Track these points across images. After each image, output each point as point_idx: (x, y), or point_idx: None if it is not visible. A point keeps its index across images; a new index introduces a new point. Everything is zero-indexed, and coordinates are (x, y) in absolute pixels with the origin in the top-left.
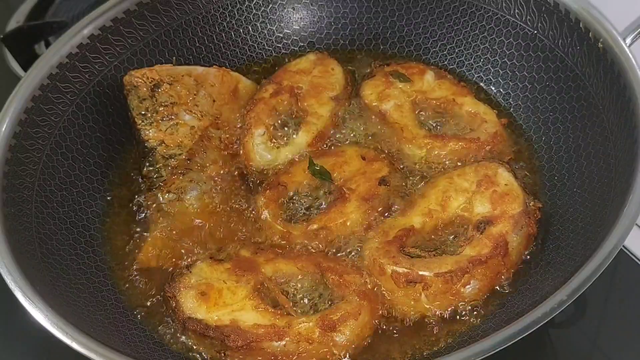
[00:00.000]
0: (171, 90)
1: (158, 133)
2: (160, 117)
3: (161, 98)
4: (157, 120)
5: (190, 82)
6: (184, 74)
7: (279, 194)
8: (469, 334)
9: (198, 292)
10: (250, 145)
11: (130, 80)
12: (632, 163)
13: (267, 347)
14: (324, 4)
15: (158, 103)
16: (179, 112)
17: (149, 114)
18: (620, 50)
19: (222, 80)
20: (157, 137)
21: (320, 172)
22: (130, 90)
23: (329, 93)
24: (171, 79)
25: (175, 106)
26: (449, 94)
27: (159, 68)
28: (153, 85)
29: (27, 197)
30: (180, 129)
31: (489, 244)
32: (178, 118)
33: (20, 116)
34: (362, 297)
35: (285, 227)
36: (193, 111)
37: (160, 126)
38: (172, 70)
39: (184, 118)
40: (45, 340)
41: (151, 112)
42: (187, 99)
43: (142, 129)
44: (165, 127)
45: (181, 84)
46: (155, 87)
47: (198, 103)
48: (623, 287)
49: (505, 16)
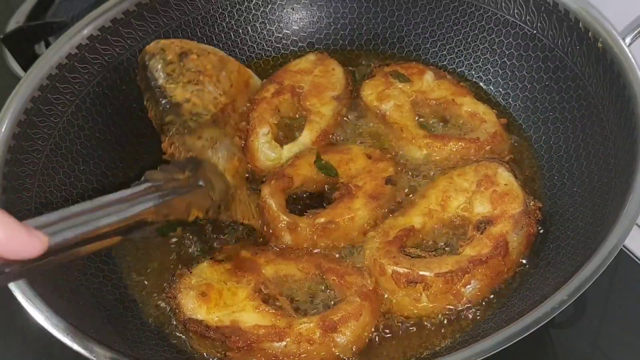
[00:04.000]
0: (198, 61)
1: (184, 92)
2: (187, 79)
3: (189, 65)
4: (184, 82)
5: (215, 60)
6: (210, 52)
7: (284, 185)
8: (470, 334)
9: (198, 292)
10: (256, 145)
11: (157, 46)
12: (632, 163)
13: (268, 348)
14: (323, 5)
15: (185, 68)
16: (204, 81)
17: (175, 74)
18: (620, 50)
19: (239, 69)
20: (183, 94)
21: (326, 167)
22: (155, 55)
23: (330, 92)
24: (199, 51)
25: (202, 75)
26: (449, 94)
27: (186, 41)
28: (181, 52)
29: (26, 198)
30: (206, 95)
31: (489, 243)
32: (203, 86)
33: (20, 117)
34: (363, 297)
35: (292, 218)
36: (217, 85)
37: (187, 88)
38: (199, 45)
39: (209, 88)
40: (45, 340)
41: (178, 74)
42: (211, 72)
43: (167, 87)
44: (190, 89)
45: (207, 59)
46: (184, 55)
47: (220, 80)
48: (623, 287)
49: (504, 16)
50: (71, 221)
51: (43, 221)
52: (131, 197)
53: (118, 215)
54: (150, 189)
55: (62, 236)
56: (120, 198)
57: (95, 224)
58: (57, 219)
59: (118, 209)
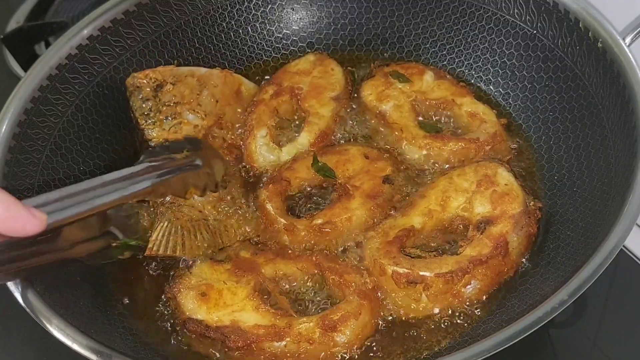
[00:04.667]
0: (174, 90)
1: (162, 132)
2: (164, 116)
3: (164, 98)
4: (161, 120)
5: (193, 82)
6: (186, 75)
7: (282, 189)
8: (470, 334)
9: (198, 292)
10: (253, 147)
11: (133, 82)
12: (631, 163)
13: (268, 348)
14: (323, 5)
15: (161, 103)
16: (182, 111)
17: (152, 113)
18: (620, 50)
19: (224, 81)
20: (160, 135)
21: (323, 169)
22: (133, 92)
23: (329, 93)
24: (174, 79)
25: (179, 106)
26: (449, 94)
27: (161, 69)
28: (156, 85)
29: (27, 199)
30: (184, 128)
31: (489, 244)
32: (182, 117)
33: (20, 117)
34: (363, 297)
35: (289, 220)
36: (196, 110)
37: (164, 125)
38: (175, 71)
39: (188, 117)
40: (45, 340)
41: (154, 112)
42: (190, 98)
43: (145, 129)
44: (168, 126)
45: (184, 84)
46: (158, 88)
47: (201, 103)
48: (623, 287)
49: (504, 16)
50: (70, 200)
51: (42, 200)
52: (130, 176)
53: (116, 194)
54: (148, 169)
55: (61, 214)
56: (119, 177)
57: (93, 203)
58: (56, 198)
59: (116, 187)
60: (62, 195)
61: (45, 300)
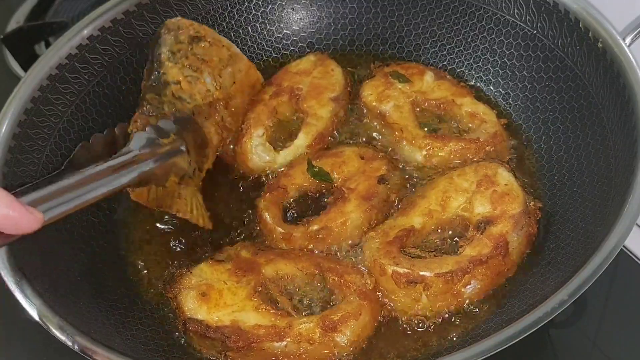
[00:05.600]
0: (208, 50)
1: (178, 74)
2: (188, 63)
3: (196, 50)
4: (183, 65)
5: (225, 55)
6: (224, 45)
7: (279, 197)
8: (470, 334)
9: (199, 292)
10: (249, 146)
11: (176, 22)
12: (631, 163)
13: (268, 348)
14: (323, 5)
15: (191, 52)
16: (204, 70)
17: (179, 55)
18: (620, 50)
19: (248, 71)
20: (176, 75)
21: (319, 174)
22: (170, 31)
23: (329, 94)
24: (212, 41)
25: (204, 64)
26: (449, 95)
27: (206, 27)
28: (195, 36)
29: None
30: (199, 85)
31: (489, 244)
32: (201, 75)
33: (20, 117)
34: (363, 297)
35: (286, 228)
36: (216, 79)
37: (184, 71)
38: (215, 35)
39: (206, 79)
40: (45, 339)
41: (182, 55)
42: (216, 65)
43: (165, 64)
44: (186, 73)
45: (218, 51)
46: (196, 40)
47: (222, 75)
48: (623, 287)
49: (504, 16)
50: (62, 197)
51: (34, 197)
52: (119, 167)
53: (106, 187)
54: (135, 158)
55: (55, 211)
56: (108, 168)
57: (85, 198)
58: (48, 195)
59: (106, 181)
60: (54, 191)
61: (45, 300)
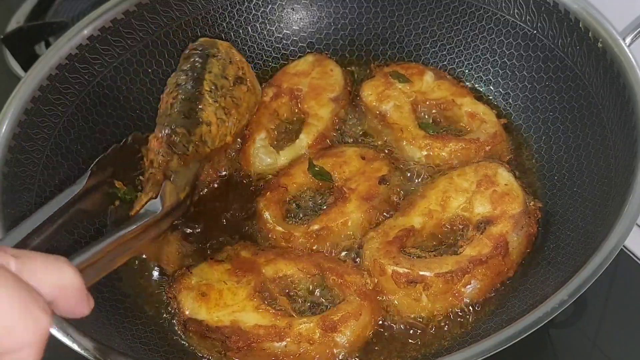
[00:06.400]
0: (244, 94)
1: (213, 115)
2: (224, 105)
3: (236, 93)
4: (220, 105)
5: (252, 102)
6: (257, 92)
7: (279, 196)
8: (470, 334)
9: (198, 293)
10: (252, 150)
11: (228, 51)
12: (631, 163)
13: (268, 348)
14: (323, 5)
15: (231, 93)
16: (233, 115)
17: (220, 92)
18: (620, 50)
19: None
20: (211, 116)
21: (320, 173)
22: (220, 58)
23: (328, 94)
24: (252, 86)
25: (235, 109)
26: (449, 95)
27: (249, 67)
28: (240, 76)
29: (26, 199)
30: (223, 129)
31: (489, 243)
32: (228, 119)
33: (20, 117)
34: (363, 297)
35: (287, 228)
36: (236, 126)
37: (218, 112)
38: (254, 80)
39: (230, 123)
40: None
41: (222, 94)
42: (243, 112)
43: (205, 97)
44: (219, 116)
45: (250, 97)
46: (239, 80)
47: (241, 122)
48: (623, 287)
49: (504, 16)
50: (95, 266)
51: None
52: (139, 231)
53: (130, 249)
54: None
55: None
56: (131, 231)
57: (113, 264)
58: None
59: (130, 245)
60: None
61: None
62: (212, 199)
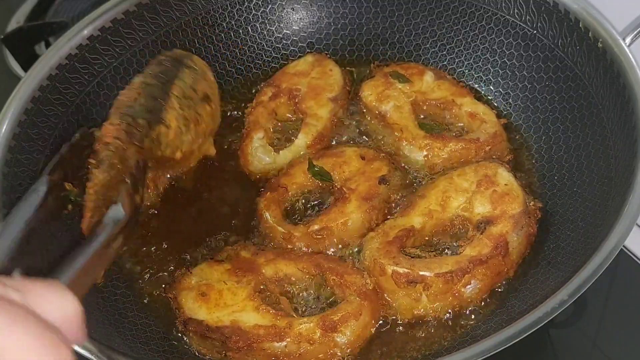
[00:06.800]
0: (208, 114)
1: (174, 120)
2: (186, 116)
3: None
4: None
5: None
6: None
7: (279, 196)
8: (470, 334)
9: (198, 293)
10: (249, 149)
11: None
12: (631, 163)
13: (268, 348)
14: (323, 5)
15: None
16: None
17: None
18: (620, 50)
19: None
20: (172, 120)
21: (320, 173)
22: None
23: (327, 94)
24: (216, 108)
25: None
26: (449, 95)
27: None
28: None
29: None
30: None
31: (489, 243)
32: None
33: (20, 117)
34: (363, 297)
35: (287, 228)
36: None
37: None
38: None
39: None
40: None
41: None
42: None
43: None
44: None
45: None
46: (206, 99)
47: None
48: (623, 287)
49: (504, 16)
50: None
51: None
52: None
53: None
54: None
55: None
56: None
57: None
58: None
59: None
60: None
61: None
62: (212, 199)
